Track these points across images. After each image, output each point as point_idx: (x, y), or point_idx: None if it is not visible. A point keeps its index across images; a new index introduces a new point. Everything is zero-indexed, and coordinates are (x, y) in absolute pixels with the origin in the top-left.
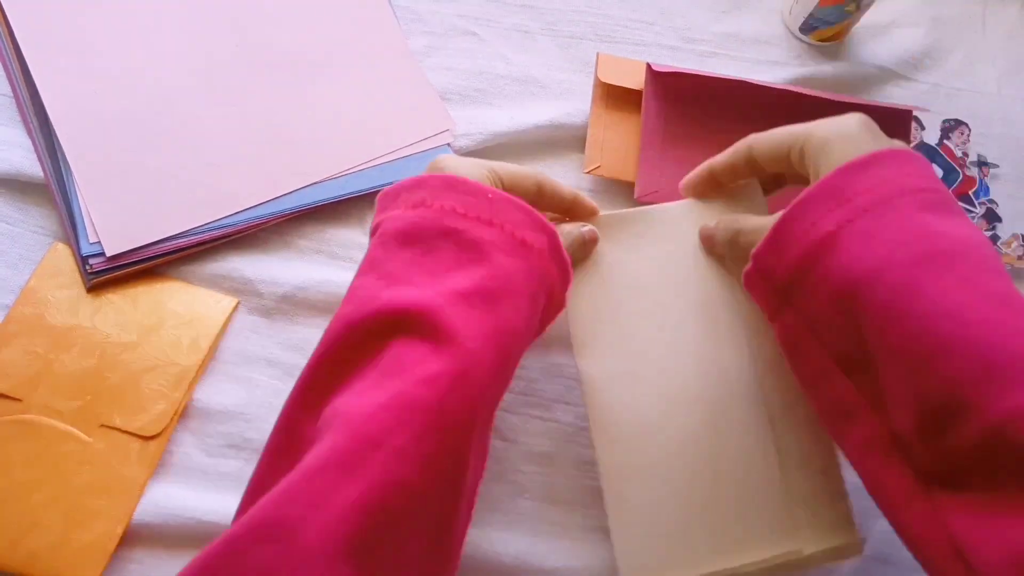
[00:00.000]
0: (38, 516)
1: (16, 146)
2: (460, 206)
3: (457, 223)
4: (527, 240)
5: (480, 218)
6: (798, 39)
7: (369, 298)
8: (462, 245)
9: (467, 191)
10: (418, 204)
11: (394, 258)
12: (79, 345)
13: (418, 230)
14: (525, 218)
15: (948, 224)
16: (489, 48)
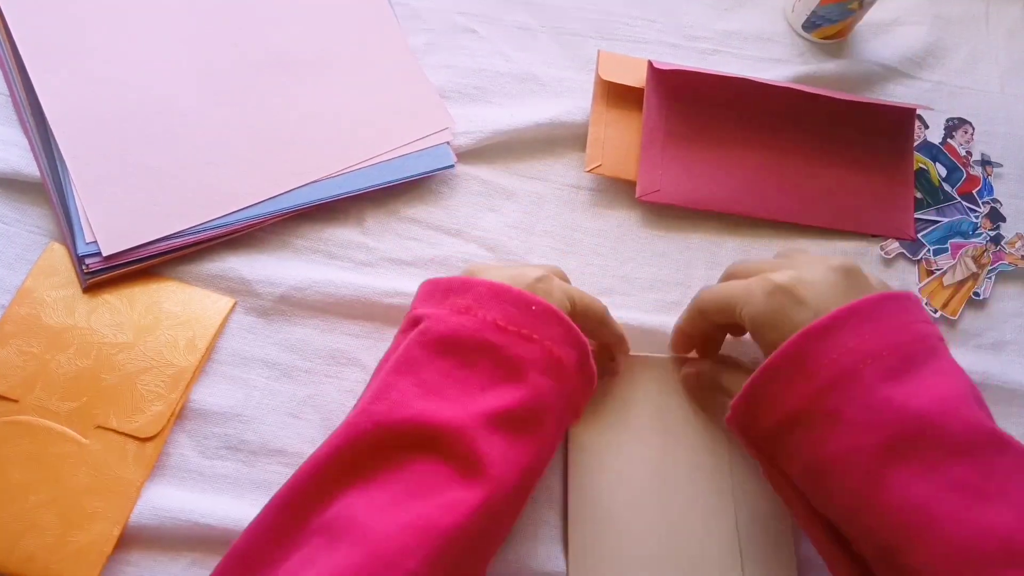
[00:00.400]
0: (34, 518)
1: (12, 145)
2: (502, 318)
3: (498, 338)
4: (562, 358)
5: (520, 333)
6: (801, 37)
7: (402, 403)
8: (500, 362)
9: (512, 302)
10: (463, 311)
11: (432, 365)
12: (75, 345)
13: (459, 339)
14: (564, 333)
15: (913, 391)
16: (489, 46)
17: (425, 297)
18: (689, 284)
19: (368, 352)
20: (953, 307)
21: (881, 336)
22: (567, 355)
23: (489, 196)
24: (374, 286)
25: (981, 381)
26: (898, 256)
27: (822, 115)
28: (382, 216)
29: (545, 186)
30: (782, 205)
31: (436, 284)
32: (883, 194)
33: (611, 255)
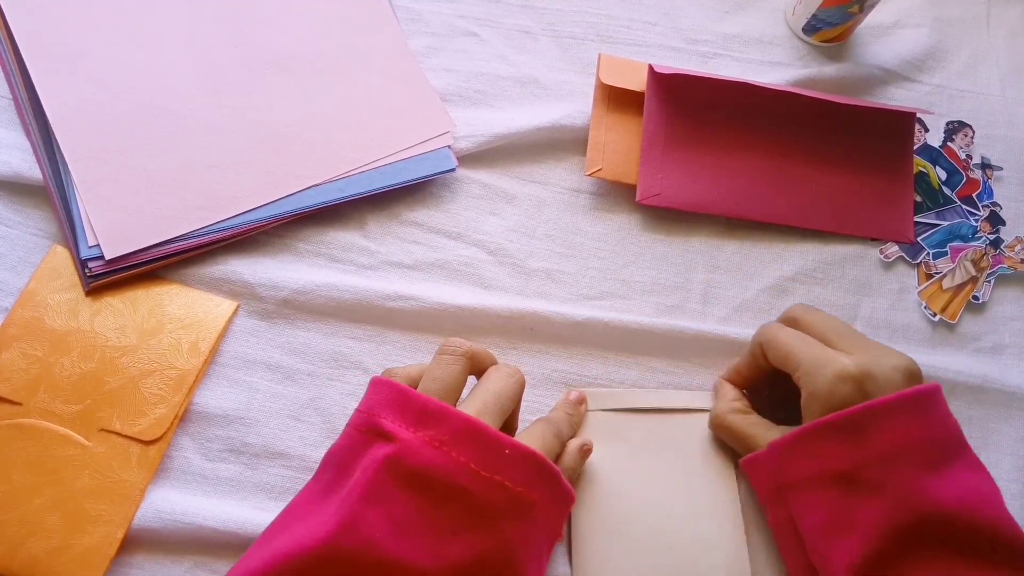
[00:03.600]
0: (38, 521)
1: (15, 148)
2: (475, 462)
3: (470, 482)
4: (535, 501)
5: (493, 480)
6: (801, 40)
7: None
8: (471, 509)
9: (486, 443)
10: (437, 446)
11: (402, 500)
12: (78, 349)
13: (432, 478)
14: (537, 473)
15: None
16: (490, 49)
17: (394, 408)
18: (689, 288)
19: (370, 355)
20: (952, 311)
21: (930, 426)
22: (540, 495)
23: (490, 200)
24: (376, 289)
25: (980, 384)
26: (898, 259)
27: (822, 118)
28: (384, 219)
29: (546, 190)
30: (782, 208)
31: (408, 400)
32: (883, 197)
33: (611, 259)
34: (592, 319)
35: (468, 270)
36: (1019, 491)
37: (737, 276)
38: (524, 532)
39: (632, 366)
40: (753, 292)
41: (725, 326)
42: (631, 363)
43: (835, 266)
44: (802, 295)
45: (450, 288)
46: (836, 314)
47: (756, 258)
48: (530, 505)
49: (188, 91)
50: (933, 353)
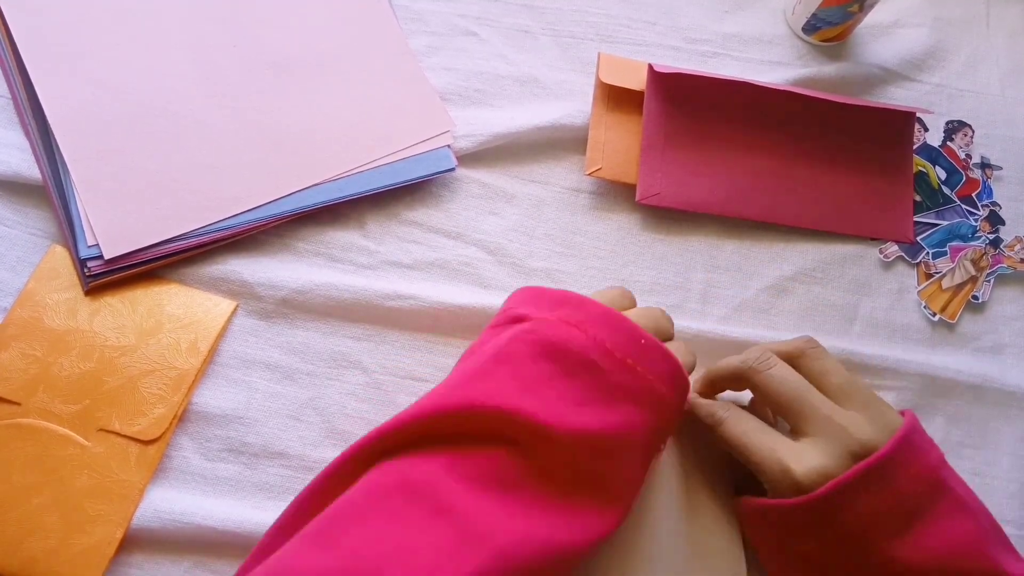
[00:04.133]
0: (37, 520)
1: (14, 148)
2: (611, 343)
3: (604, 361)
4: (663, 394)
5: (626, 363)
6: (801, 39)
7: (500, 392)
8: (600, 385)
9: (623, 331)
10: (575, 324)
11: (534, 365)
12: (77, 348)
13: (567, 350)
14: (668, 369)
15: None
16: (489, 48)
17: (529, 301)
18: (689, 287)
19: (369, 355)
20: (952, 310)
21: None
22: (668, 392)
23: (489, 199)
24: (375, 289)
25: (979, 384)
26: (897, 259)
27: (822, 118)
28: (383, 219)
29: (545, 189)
30: (782, 208)
31: (542, 292)
32: (882, 197)
33: (611, 258)
34: None
35: (468, 270)
36: (1018, 491)
37: (737, 276)
38: (648, 425)
39: None
40: (753, 292)
41: (725, 326)
42: None
43: (835, 266)
44: (802, 295)
45: (450, 288)
46: (835, 314)
47: (756, 258)
48: (659, 397)
49: (187, 91)
50: (933, 353)
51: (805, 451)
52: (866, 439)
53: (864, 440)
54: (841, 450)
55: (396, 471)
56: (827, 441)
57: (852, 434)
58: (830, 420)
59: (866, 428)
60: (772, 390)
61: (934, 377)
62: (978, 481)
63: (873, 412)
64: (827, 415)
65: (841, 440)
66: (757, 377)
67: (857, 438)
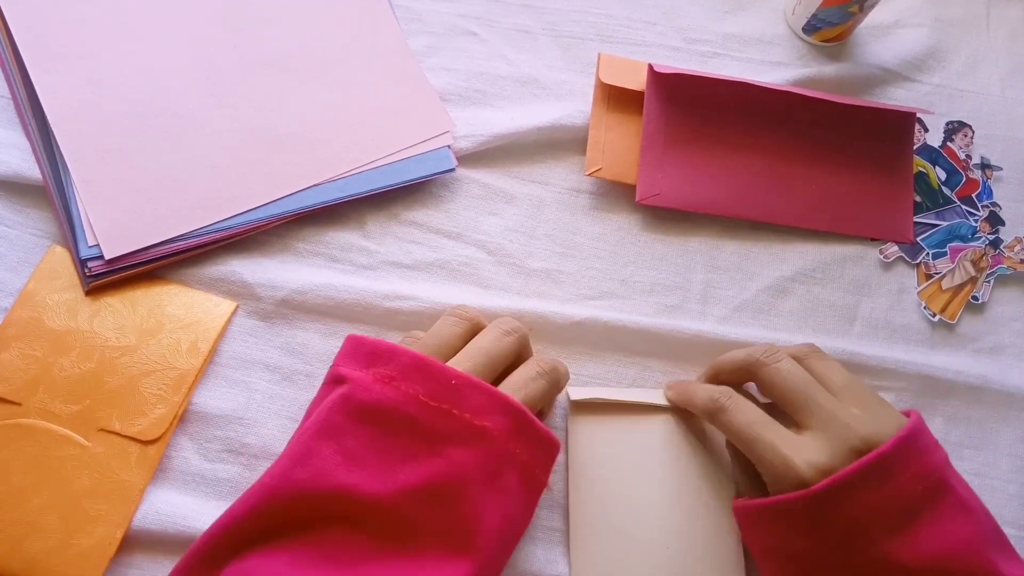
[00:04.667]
0: (37, 521)
1: (14, 148)
2: (424, 392)
3: (418, 412)
4: (486, 427)
5: (440, 408)
6: (801, 39)
7: (325, 472)
8: (419, 436)
9: (433, 376)
10: (386, 381)
11: (354, 433)
12: (78, 349)
13: (381, 410)
14: (488, 402)
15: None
16: (489, 48)
17: (349, 355)
18: (689, 288)
19: None
20: (952, 311)
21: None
22: (494, 423)
23: (489, 199)
24: (375, 289)
25: (979, 385)
26: (897, 260)
27: (822, 118)
28: (383, 219)
29: (545, 190)
30: (782, 208)
31: (361, 344)
32: (882, 197)
33: (611, 259)
34: (591, 319)
35: (467, 270)
36: (1017, 491)
37: (737, 276)
38: (477, 461)
39: (631, 366)
40: (753, 292)
41: (724, 326)
42: (630, 363)
43: (834, 266)
44: (801, 295)
45: (449, 288)
46: (835, 314)
47: (755, 258)
48: (480, 432)
49: (187, 91)
50: (932, 353)
51: (807, 445)
52: (868, 435)
53: (866, 436)
54: (843, 445)
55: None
56: (829, 436)
57: (855, 429)
58: (833, 415)
59: (869, 424)
60: (778, 383)
61: (934, 378)
62: (977, 482)
63: (876, 411)
64: (831, 410)
65: (843, 435)
66: (764, 370)
67: (859, 434)
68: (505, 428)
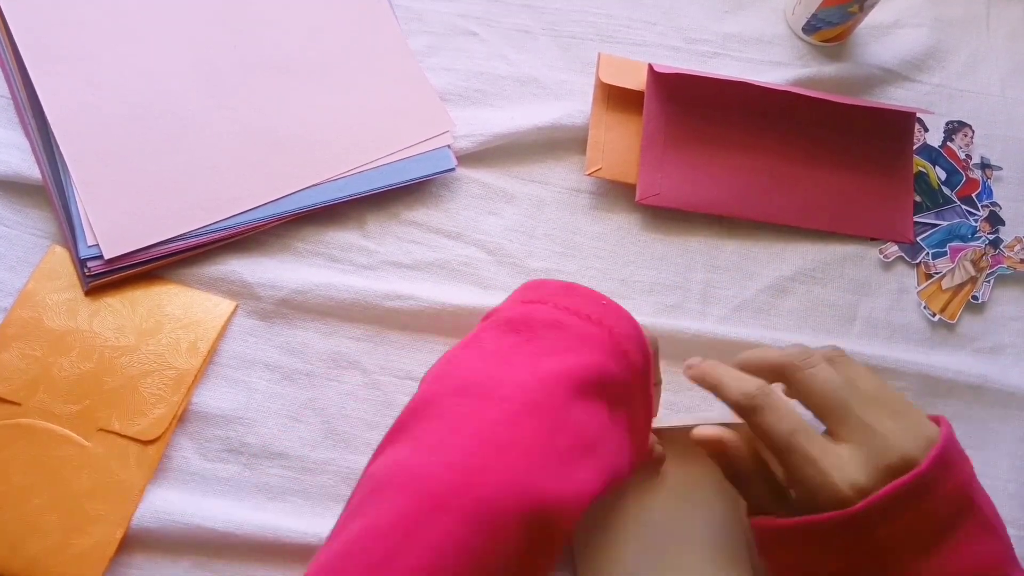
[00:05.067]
0: (37, 521)
1: (14, 148)
2: (573, 304)
3: (567, 319)
4: (628, 351)
5: (591, 318)
6: (801, 39)
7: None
8: (567, 335)
9: (583, 295)
10: (533, 301)
11: (499, 340)
12: (77, 349)
13: (529, 319)
14: (633, 332)
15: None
16: (489, 48)
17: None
18: (689, 287)
19: (369, 355)
20: (952, 311)
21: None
22: (634, 354)
23: (489, 199)
24: (375, 289)
25: (979, 384)
26: (897, 259)
27: (822, 118)
28: (383, 219)
29: (545, 189)
30: (782, 208)
31: (510, 297)
32: (882, 197)
33: (611, 258)
34: None
35: (467, 270)
36: (1017, 491)
37: (736, 276)
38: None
39: None
40: (752, 292)
41: (724, 326)
42: None
43: (834, 266)
44: (801, 295)
45: (449, 288)
46: (835, 314)
47: (755, 258)
48: (624, 353)
49: (187, 91)
50: (932, 353)
51: (848, 462)
52: (906, 451)
53: (904, 453)
54: (881, 462)
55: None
56: (868, 452)
57: (893, 446)
58: (871, 429)
59: (905, 440)
60: (816, 390)
61: (934, 377)
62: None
63: (909, 421)
64: (869, 424)
65: (882, 452)
66: (799, 374)
67: (897, 451)
68: (640, 367)
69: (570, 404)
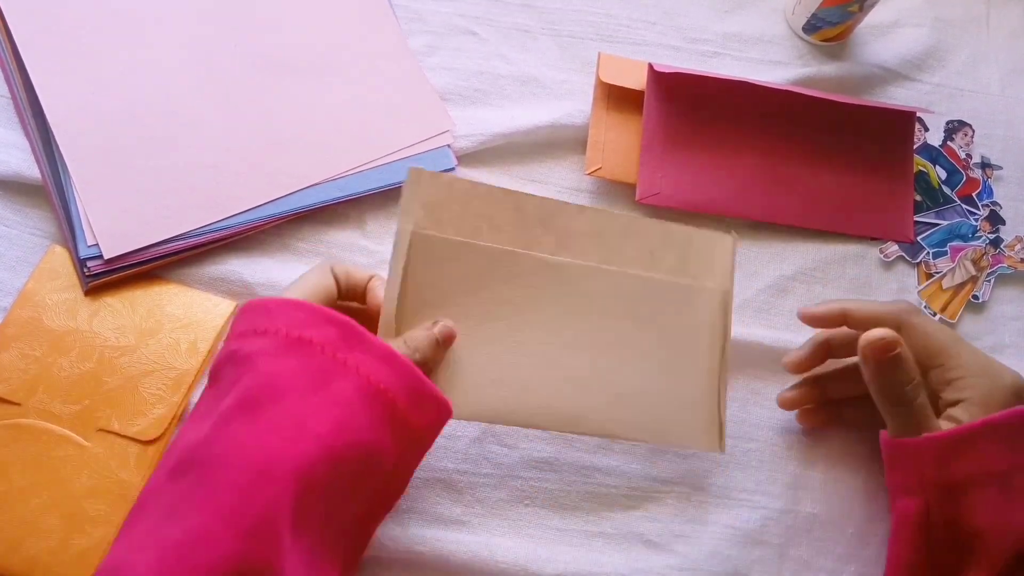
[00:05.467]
0: (36, 521)
1: (13, 148)
2: (242, 325)
3: (236, 344)
4: (305, 336)
5: (256, 331)
6: (801, 39)
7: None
8: (236, 363)
9: (253, 309)
10: (224, 348)
11: (204, 395)
12: (77, 349)
13: (217, 363)
14: (306, 317)
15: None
16: (489, 48)
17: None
18: None
19: None
20: (952, 310)
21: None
22: (317, 335)
23: None
24: None
25: None
26: (897, 259)
27: (822, 118)
28: (383, 218)
29: (545, 189)
30: (782, 207)
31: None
32: (883, 197)
33: None
34: None
35: None
36: None
37: (737, 275)
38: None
39: None
40: (753, 291)
41: None
42: None
43: (835, 265)
44: (802, 294)
45: None
46: None
47: (756, 257)
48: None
49: (187, 91)
50: None
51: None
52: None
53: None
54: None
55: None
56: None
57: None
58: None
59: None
60: (931, 331)
61: None
62: None
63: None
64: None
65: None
66: (916, 318)
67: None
68: (332, 338)
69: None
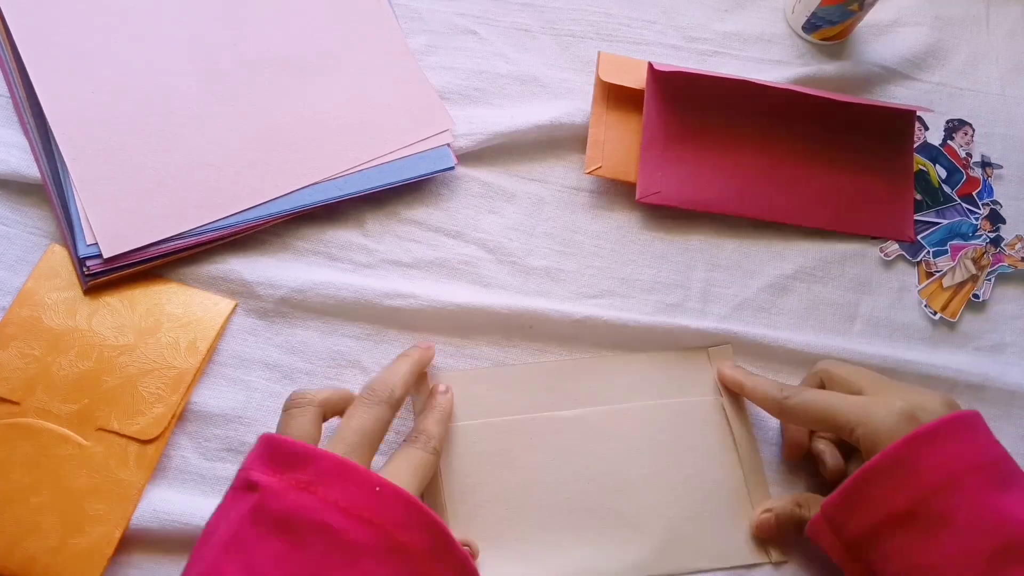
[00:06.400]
0: (35, 520)
1: (13, 147)
2: (344, 499)
3: (337, 520)
4: (408, 544)
5: (362, 516)
6: (801, 38)
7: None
8: (335, 547)
9: (355, 481)
10: (303, 487)
11: (263, 548)
12: (76, 348)
13: (297, 519)
14: (410, 517)
15: (1017, 502)
16: (489, 47)
17: (263, 458)
18: (689, 286)
19: (368, 354)
20: (953, 309)
21: (982, 448)
22: (414, 540)
23: (489, 198)
24: (374, 288)
25: (980, 383)
26: (898, 258)
27: (822, 117)
28: (382, 218)
29: (545, 188)
30: (782, 206)
31: (277, 446)
32: (883, 196)
33: (611, 257)
34: (591, 317)
35: (467, 268)
36: None
37: (737, 274)
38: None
39: None
40: (753, 290)
41: (725, 324)
42: None
43: (835, 264)
44: (802, 293)
45: (449, 286)
46: (836, 312)
47: (756, 256)
48: (402, 547)
49: (187, 90)
50: (933, 352)
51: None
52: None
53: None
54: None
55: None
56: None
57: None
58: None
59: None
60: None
61: (935, 376)
62: None
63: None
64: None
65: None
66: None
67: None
68: (425, 547)
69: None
